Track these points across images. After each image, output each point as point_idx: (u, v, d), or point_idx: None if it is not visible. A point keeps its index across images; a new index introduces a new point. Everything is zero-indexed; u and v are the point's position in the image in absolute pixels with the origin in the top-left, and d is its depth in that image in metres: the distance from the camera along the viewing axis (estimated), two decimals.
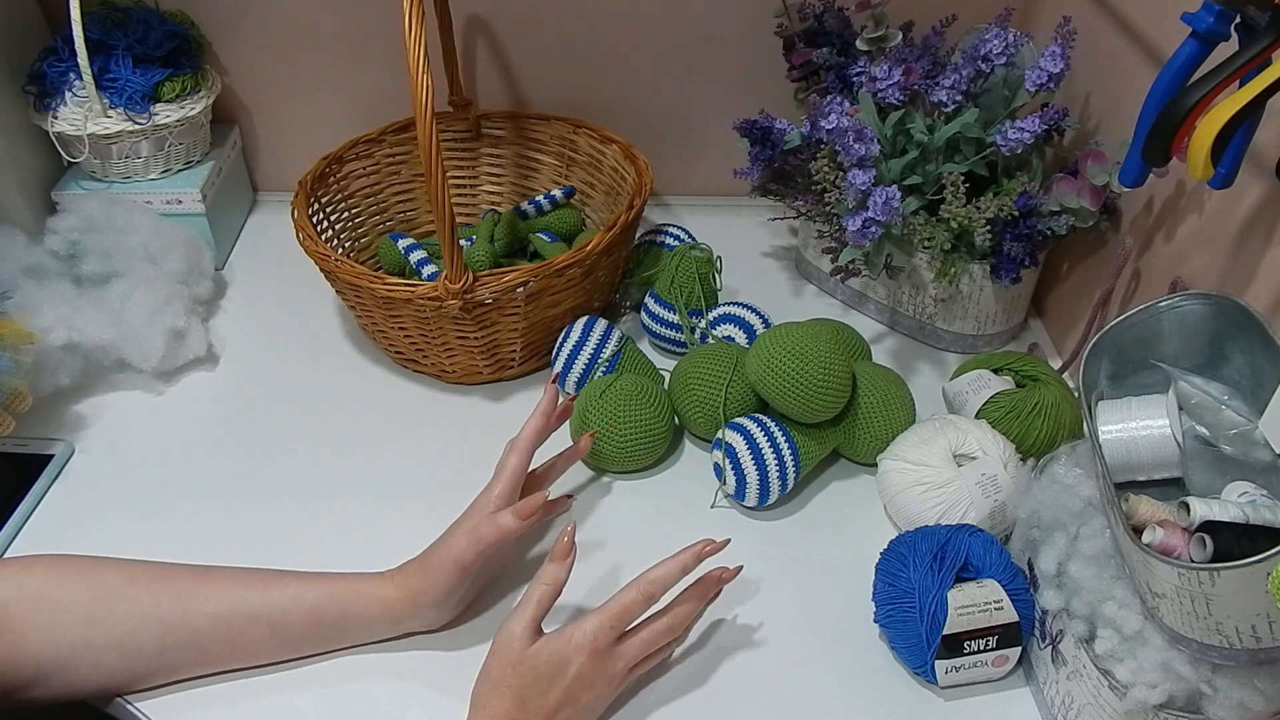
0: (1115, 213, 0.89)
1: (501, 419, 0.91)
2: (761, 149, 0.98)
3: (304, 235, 0.89)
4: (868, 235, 0.82)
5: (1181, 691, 0.57)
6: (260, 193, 1.21)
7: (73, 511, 0.81)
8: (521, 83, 1.13)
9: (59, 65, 0.99)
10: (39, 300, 0.88)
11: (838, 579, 0.75)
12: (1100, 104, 0.91)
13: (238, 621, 0.65)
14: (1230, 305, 0.63)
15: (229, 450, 0.87)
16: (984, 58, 0.86)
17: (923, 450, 0.76)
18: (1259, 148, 0.64)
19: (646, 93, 1.13)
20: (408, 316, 0.86)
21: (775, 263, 1.11)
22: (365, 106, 1.11)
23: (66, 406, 0.90)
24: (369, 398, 0.93)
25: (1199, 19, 0.59)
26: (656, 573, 0.64)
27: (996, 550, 0.69)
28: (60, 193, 1.03)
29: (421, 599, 0.67)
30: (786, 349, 0.77)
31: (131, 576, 0.66)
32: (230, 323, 1.02)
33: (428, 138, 0.72)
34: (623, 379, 0.84)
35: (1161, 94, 0.62)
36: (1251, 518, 0.56)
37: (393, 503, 0.82)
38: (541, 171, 1.13)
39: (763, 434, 0.79)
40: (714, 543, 0.66)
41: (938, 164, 0.89)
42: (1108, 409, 0.65)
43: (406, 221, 1.11)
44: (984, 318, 0.95)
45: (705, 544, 0.66)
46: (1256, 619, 0.52)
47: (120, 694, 0.66)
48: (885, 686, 0.69)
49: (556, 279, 0.86)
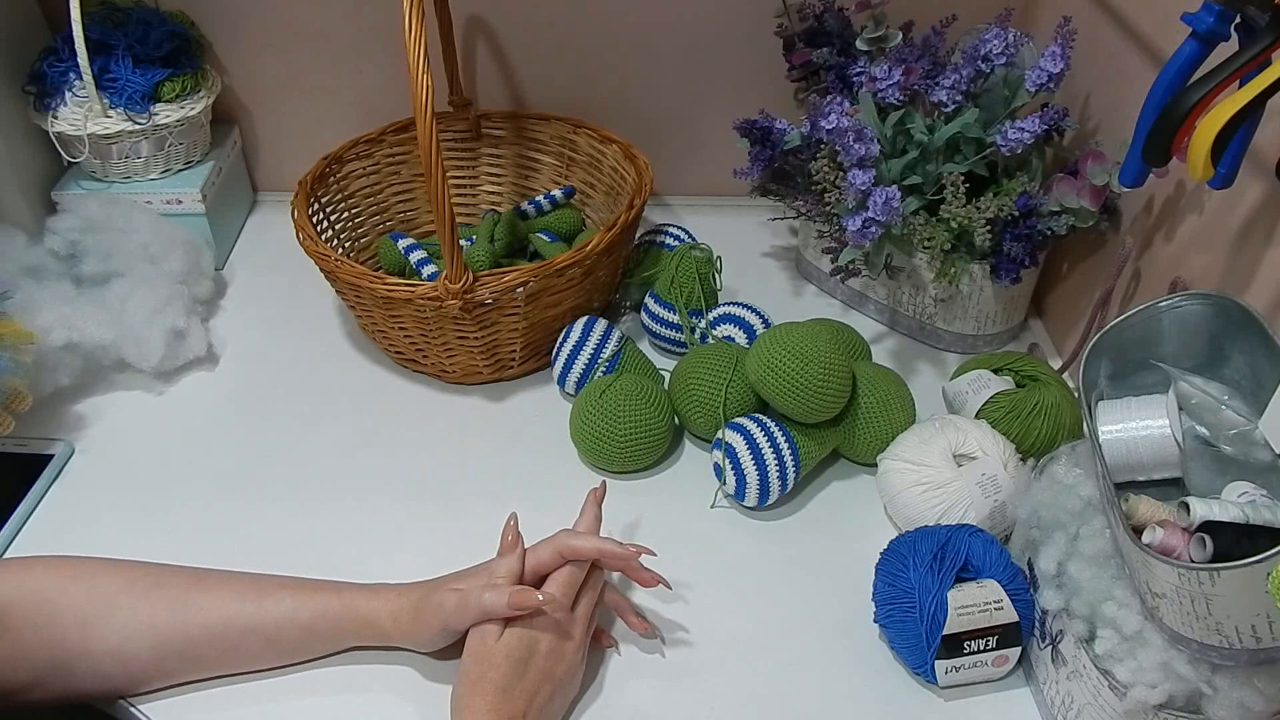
0: (1115, 213, 0.89)
1: (501, 419, 0.91)
2: (761, 149, 0.98)
3: (304, 235, 0.89)
4: (868, 235, 0.82)
5: (1181, 691, 0.57)
6: (260, 193, 1.21)
7: (73, 511, 0.81)
8: (521, 83, 1.13)
9: (59, 65, 0.99)
10: (39, 300, 0.88)
11: (838, 579, 0.75)
12: (1100, 104, 0.91)
13: (233, 633, 0.66)
14: (1230, 305, 0.63)
15: (229, 450, 0.87)
16: (984, 58, 0.86)
17: (923, 450, 0.76)
18: (1259, 148, 0.64)
19: (646, 93, 1.13)
20: (408, 316, 0.86)
21: (775, 263, 1.11)
22: (365, 106, 1.11)
23: (66, 406, 0.90)
24: (369, 398, 0.93)
25: (1199, 19, 0.59)
26: (576, 541, 0.66)
27: (996, 550, 0.69)
28: (60, 193, 1.03)
29: (410, 640, 0.67)
30: (786, 349, 0.77)
31: (130, 581, 0.66)
32: (230, 323, 1.02)
33: (428, 138, 0.72)
34: (623, 379, 0.84)
35: (1161, 94, 0.62)
36: (1251, 518, 0.56)
37: (392, 502, 0.82)
38: (541, 171, 1.13)
39: (763, 434, 0.79)
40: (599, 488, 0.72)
41: (938, 164, 0.89)
42: (1108, 409, 0.65)
43: (406, 221, 1.11)
44: (984, 318, 0.95)
45: (593, 491, 0.72)
46: (1256, 619, 0.52)
47: (121, 696, 0.66)
48: (885, 686, 0.69)
49: (556, 279, 0.86)
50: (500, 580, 0.65)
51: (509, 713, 0.60)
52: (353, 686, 0.68)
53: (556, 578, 0.66)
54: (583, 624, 0.66)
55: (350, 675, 0.69)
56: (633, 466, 0.84)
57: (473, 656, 0.63)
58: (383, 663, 0.69)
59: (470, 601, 0.63)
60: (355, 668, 0.69)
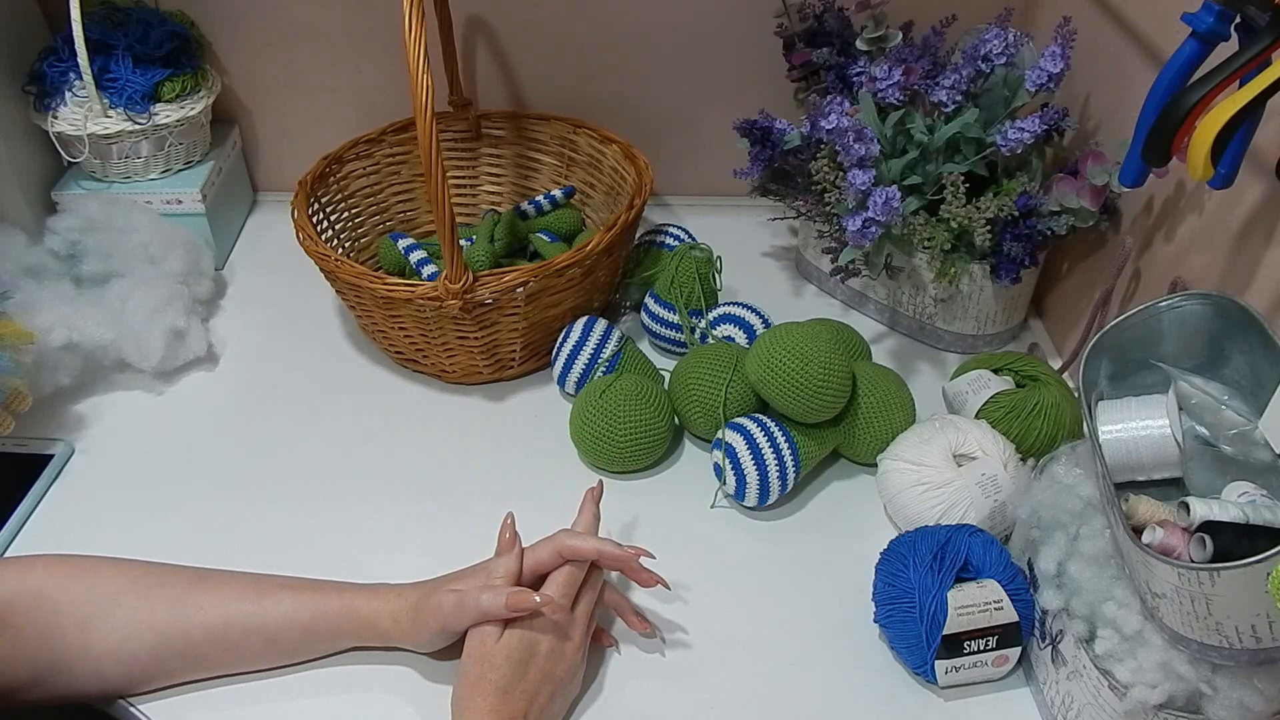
0: (1115, 213, 0.89)
1: (501, 419, 0.91)
2: (761, 149, 0.98)
3: (304, 235, 0.89)
4: (868, 235, 0.82)
5: (1181, 691, 0.57)
6: (260, 193, 1.21)
7: (73, 511, 0.81)
8: (521, 83, 1.13)
9: (59, 65, 0.99)
10: (39, 300, 0.88)
11: (838, 579, 0.75)
12: (1100, 104, 0.91)
13: (233, 633, 0.66)
14: (1230, 305, 0.63)
15: (229, 450, 0.87)
16: (984, 58, 0.86)
17: (923, 450, 0.76)
18: (1259, 148, 0.64)
19: (646, 93, 1.13)
20: (408, 316, 0.86)
21: (775, 263, 1.11)
22: (365, 106, 1.11)
23: (66, 406, 0.90)
24: (369, 398, 0.93)
25: (1199, 19, 0.59)
26: (575, 541, 0.66)
27: (996, 550, 0.69)
28: (60, 193, 1.03)
29: (409, 640, 0.67)
30: (786, 349, 0.77)
31: (131, 580, 0.66)
32: (230, 323, 1.02)
33: (428, 138, 0.72)
34: (623, 379, 0.84)
35: (1161, 94, 0.62)
36: (1251, 518, 0.56)
37: (392, 502, 0.82)
38: (541, 171, 1.13)
39: (763, 434, 0.79)
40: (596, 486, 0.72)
41: (938, 164, 0.89)
42: (1108, 409, 0.65)
43: (406, 221, 1.11)
44: (984, 318, 0.95)
45: (590, 491, 0.72)
46: (1256, 619, 0.52)
47: (120, 696, 0.66)
48: (885, 686, 0.69)
49: (556, 279, 0.86)
50: (498, 581, 0.65)
51: (509, 713, 0.60)
52: (353, 686, 0.68)
53: (556, 578, 0.66)
54: (582, 624, 0.66)
55: (350, 675, 0.69)
56: (633, 466, 0.84)
57: (472, 658, 0.63)
58: (383, 663, 0.69)
59: (468, 603, 0.63)
60: (355, 668, 0.69)
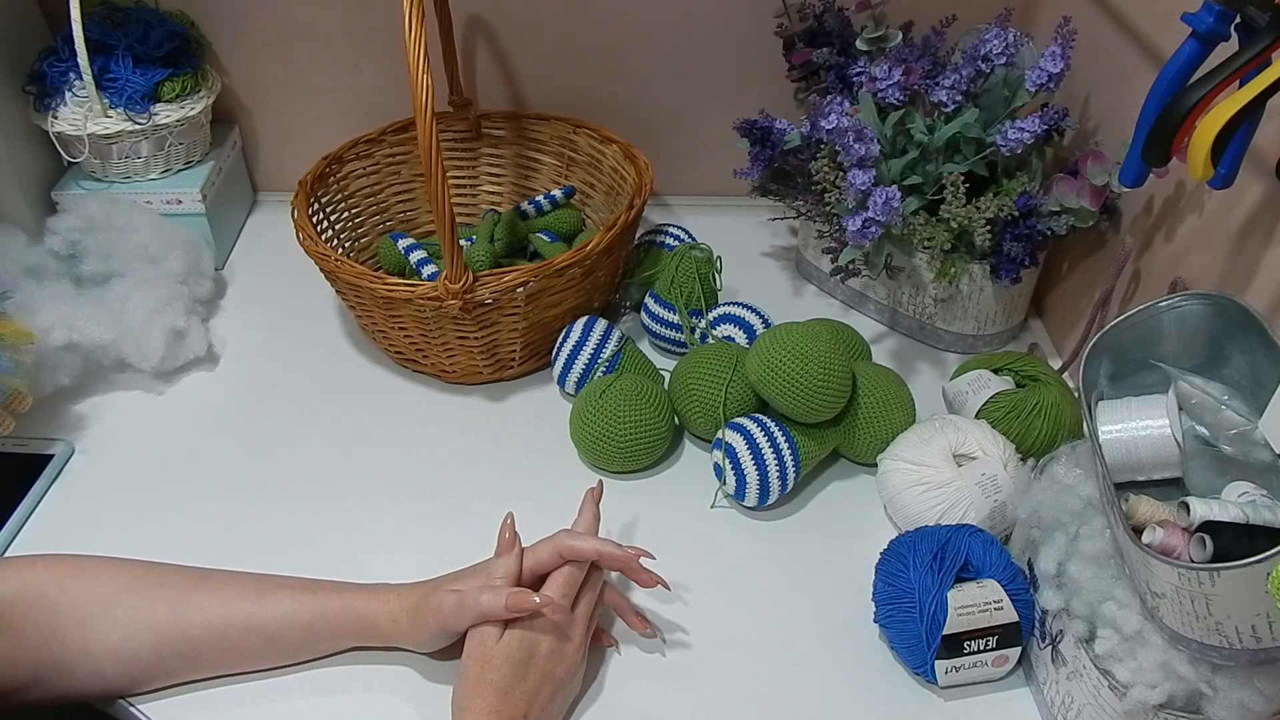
0: (1115, 213, 0.89)
1: (501, 419, 0.91)
2: (761, 149, 0.98)
3: (304, 235, 0.89)
4: (868, 235, 0.82)
5: (1181, 691, 0.57)
6: (260, 193, 1.21)
7: (73, 511, 0.81)
8: (521, 83, 1.13)
9: (59, 65, 0.99)
10: (39, 300, 0.88)
11: (838, 579, 0.75)
12: (1100, 104, 0.91)
13: (233, 633, 0.66)
14: (1230, 305, 0.63)
15: (229, 450, 0.87)
16: (984, 58, 0.86)
17: (923, 450, 0.76)
18: (1259, 148, 0.64)
19: (646, 93, 1.13)
20: (408, 316, 0.86)
21: (775, 263, 1.11)
22: (365, 106, 1.11)
23: (66, 406, 0.90)
24: (369, 398, 0.93)
25: (1199, 19, 0.59)
26: (575, 541, 0.66)
27: (996, 550, 0.69)
28: (60, 193, 1.03)
29: (409, 640, 0.67)
30: (786, 349, 0.77)
31: (131, 580, 0.66)
32: (230, 323, 1.02)
33: (428, 138, 0.72)
34: (623, 379, 0.84)
35: (1161, 94, 0.62)
36: (1251, 518, 0.56)
37: (392, 502, 0.82)
38: (541, 171, 1.13)
39: (763, 434, 0.79)
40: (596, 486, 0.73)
41: (938, 164, 0.89)
42: (1108, 409, 0.65)
43: (406, 221, 1.11)
44: (984, 318, 0.95)
45: (590, 491, 0.72)
46: (1256, 619, 0.52)
47: (120, 696, 0.66)
48: (885, 686, 0.69)
49: (556, 279, 0.86)
50: (498, 581, 0.65)
51: (509, 714, 0.60)
52: (353, 686, 0.68)
53: (556, 578, 0.66)
54: (582, 625, 0.66)
55: (350, 675, 0.69)
56: (633, 466, 0.84)
57: (472, 658, 0.63)
58: (383, 663, 0.69)
59: (468, 603, 0.63)
60: (355, 668, 0.69)
